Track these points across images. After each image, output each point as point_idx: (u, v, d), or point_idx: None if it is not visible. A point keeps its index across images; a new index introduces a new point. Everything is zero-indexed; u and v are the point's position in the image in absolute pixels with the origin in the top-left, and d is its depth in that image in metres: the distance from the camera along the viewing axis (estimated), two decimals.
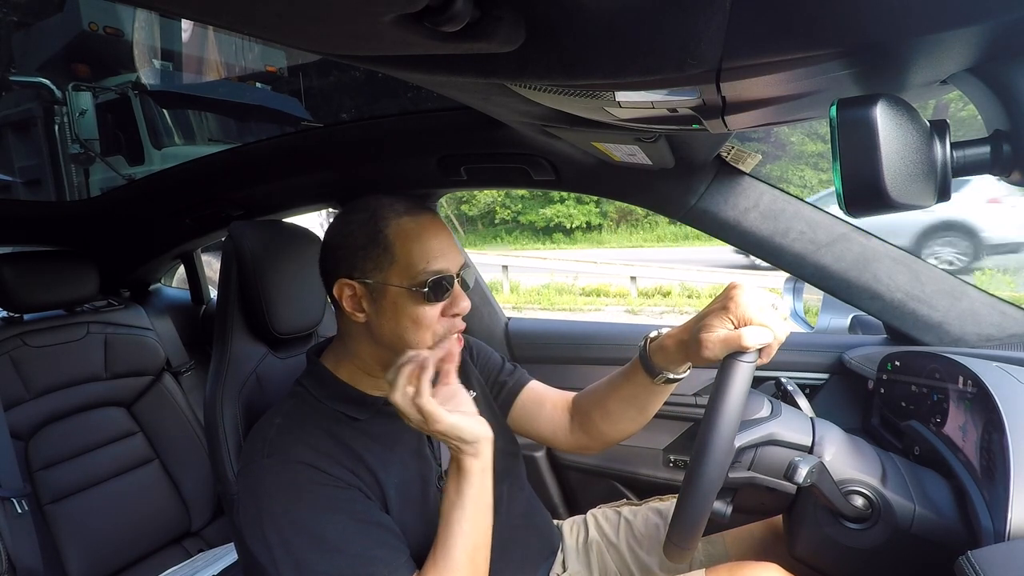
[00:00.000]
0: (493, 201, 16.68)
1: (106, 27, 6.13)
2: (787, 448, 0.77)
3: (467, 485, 0.75)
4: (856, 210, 0.49)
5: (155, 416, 1.80)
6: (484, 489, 0.77)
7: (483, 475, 0.76)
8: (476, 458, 0.75)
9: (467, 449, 0.74)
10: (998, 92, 0.49)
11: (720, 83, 0.53)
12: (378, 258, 0.79)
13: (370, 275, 0.80)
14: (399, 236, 0.79)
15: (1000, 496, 0.68)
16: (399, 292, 0.79)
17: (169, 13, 1.71)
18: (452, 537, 0.74)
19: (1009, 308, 1.12)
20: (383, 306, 0.80)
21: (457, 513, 0.74)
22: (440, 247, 0.81)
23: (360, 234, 0.80)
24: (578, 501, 1.59)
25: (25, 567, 1.22)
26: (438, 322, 0.81)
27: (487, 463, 0.77)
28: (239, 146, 1.49)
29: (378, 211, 0.81)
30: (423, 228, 0.81)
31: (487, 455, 0.76)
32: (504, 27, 0.48)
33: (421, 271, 0.78)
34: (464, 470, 0.75)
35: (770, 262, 1.22)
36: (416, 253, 0.79)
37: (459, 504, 0.75)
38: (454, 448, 0.75)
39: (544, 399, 1.06)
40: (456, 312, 0.82)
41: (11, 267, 1.52)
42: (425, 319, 0.79)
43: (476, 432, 0.74)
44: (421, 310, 0.79)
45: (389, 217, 0.80)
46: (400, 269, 0.79)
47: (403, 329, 0.80)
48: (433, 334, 0.80)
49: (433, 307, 0.80)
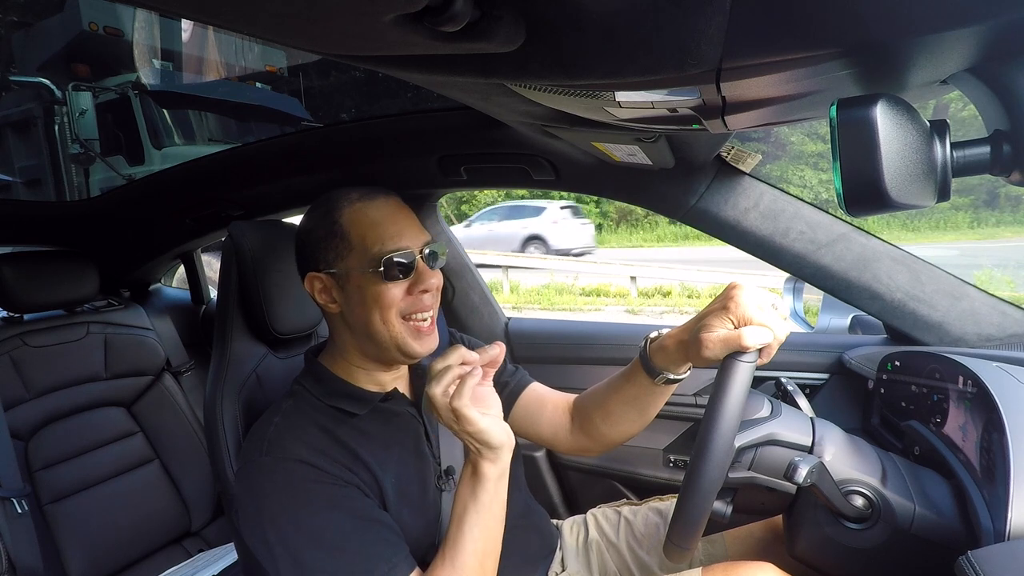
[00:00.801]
0: (493, 201, 16.68)
1: (106, 27, 6.12)
2: (787, 448, 0.77)
3: (482, 490, 0.74)
4: (856, 210, 0.49)
5: (155, 416, 1.80)
6: (499, 496, 0.76)
7: (499, 481, 0.76)
8: (495, 464, 0.74)
9: (488, 455, 0.73)
10: (998, 92, 0.49)
11: (720, 83, 0.53)
12: (337, 247, 0.81)
13: (334, 265, 0.82)
14: (353, 222, 0.81)
15: (1000, 496, 0.68)
16: (360, 276, 0.80)
17: (169, 13, 1.71)
18: (463, 540, 0.73)
19: (1009, 308, 1.12)
20: (350, 293, 0.82)
21: (471, 517, 0.74)
22: (396, 227, 0.81)
23: (319, 227, 0.83)
24: (578, 501, 1.59)
25: (25, 567, 1.22)
26: (403, 300, 0.81)
27: (505, 470, 0.76)
28: (239, 146, 1.49)
29: (333, 202, 0.83)
30: (376, 211, 0.82)
31: (506, 462, 0.76)
32: (504, 27, 0.48)
33: (377, 252, 0.79)
34: (481, 475, 0.74)
35: (770, 262, 1.22)
36: (370, 236, 0.80)
37: (473, 508, 0.74)
38: (475, 451, 0.74)
39: (545, 401, 1.06)
40: (423, 289, 0.82)
41: (11, 267, 1.52)
42: (387, 299, 0.80)
43: (502, 439, 0.73)
44: (383, 290, 0.80)
45: (343, 206, 0.82)
46: (358, 254, 0.80)
47: (369, 312, 0.81)
48: (398, 312, 0.81)
49: (396, 285, 0.80)
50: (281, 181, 1.49)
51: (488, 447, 0.73)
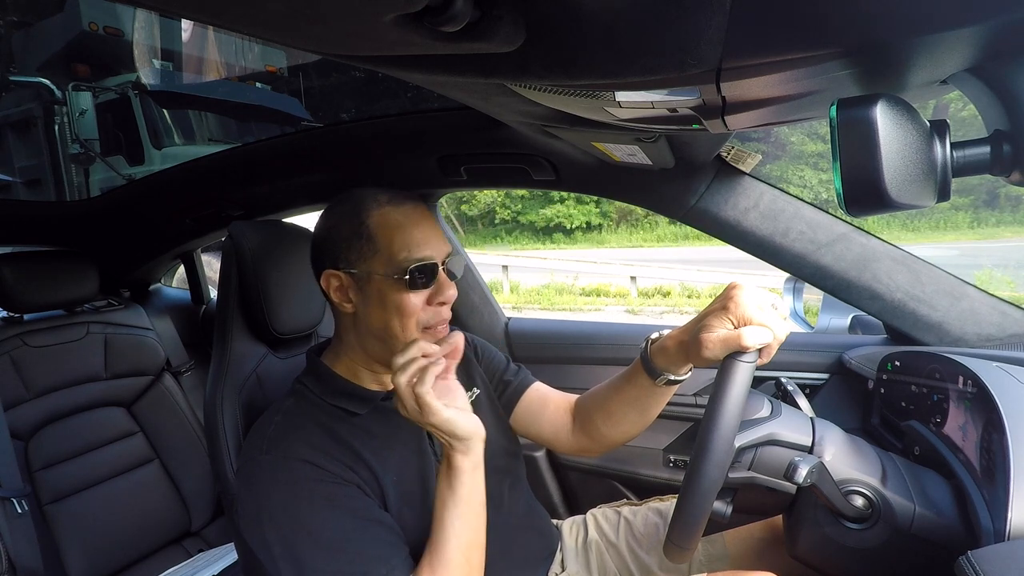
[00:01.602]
0: (493, 201, 16.69)
1: (106, 27, 6.12)
2: (787, 448, 0.77)
3: (458, 483, 0.75)
4: (856, 210, 0.49)
5: (155, 416, 1.80)
6: (476, 487, 0.77)
7: (474, 473, 0.76)
8: (467, 455, 0.75)
9: (458, 446, 0.74)
10: (998, 92, 0.49)
11: (720, 83, 0.53)
12: (362, 248, 0.81)
13: (355, 265, 0.82)
14: (381, 226, 0.81)
15: (1000, 496, 0.68)
16: (383, 281, 0.80)
17: (169, 13, 1.71)
18: (446, 535, 0.74)
19: (1009, 308, 1.12)
20: (369, 295, 0.82)
21: (450, 511, 0.75)
22: (422, 235, 0.81)
23: (344, 226, 0.83)
24: (578, 501, 1.59)
25: (25, 567, 1.22)
26: (423, 310, 0.81)
27: (478, 461, 0.77)
28: (239, 146, 1.49)
29: (361, 202, 0.83)
30: (405, 217, 0.82)
31: (478, 453, 0.77)
32: (504, 27, 0.48)
33: (403, 259, 0.79)
34: (455, 467, 0.75)
35: (770, 262, 1.22)
36: (398, 242, 0.80)
37: (451, 502, 0.75)
38: (446, 444, 0.75)
39: (547, 401, 1.06)
40: (442, 300, 0.82)
41: (11, 267, 1.52)
42: (409, 307, 0.80)
43: (469, 429, 0.74)
44: (405, 298, 0.80)
45: (371, 208, 0.82)
46: (383, 258, 0.80)
47: (388, 318, 0.81)
48: (418, 322, 0.81)
49: (417, 295, 0.80)
50: (281, 181, 1.49)
51: (456, 438, 0.74)
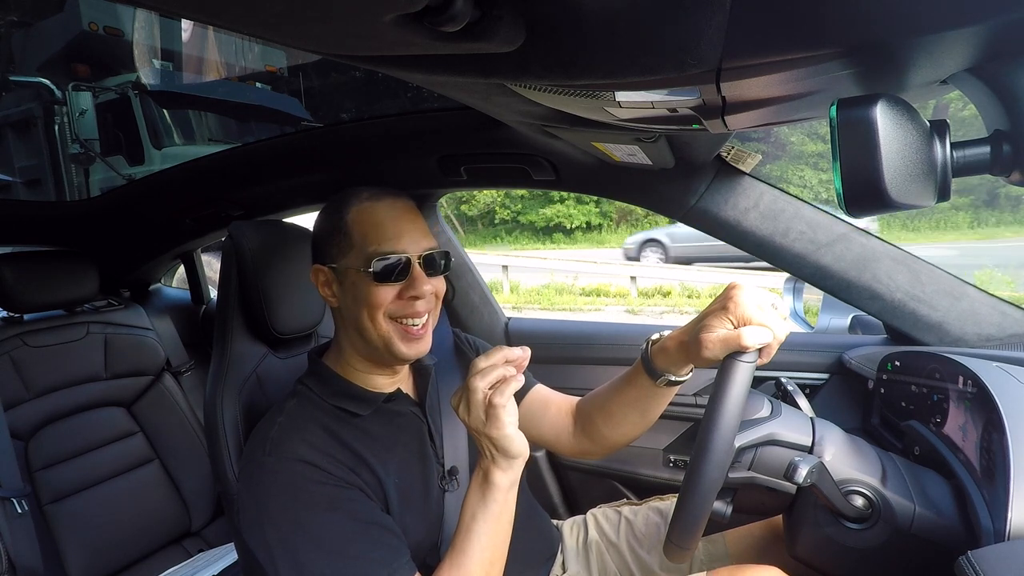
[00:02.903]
0: (493, 201, 16.69)
1: (106, 27, 6.12)
2: (787, 448, 0.77)
3: (492, 500, 0.74)
4: (856, 210, 0.48)
5: (155, 416, 1.80)
6: (508, 505, 0.76)
7: (510, 491, 0.75)
8: (507, 473, 0.74)
9: (503, 463, 0.73)
10: (998, 92, 0.49)
11: (720, 83, 0.53)
12: (340, 243, 0.83)
13: (335, 260, 0.84)
14: (356, 220, 0.83)
15: (1000, 496, 0.68)
16: (356, 274, 0.81)
17: (169, 13, 1.71)
18: (470, 547, 0.73)
19: (1009, 308, 1.12)
20: (346, 289, 0.83)
21: (479, 525, 0.73)
22: (395, 229, 0.82)
23: (328, 222, 0.86)
24: (578, 501, 1.59)
25: (25, 567, 1.22)
26: (392, 303, 0.81)
27: (516, 480, 0.76)
28: (239, 146, 1.49)
29: (344, 199, 0.85)
30: (379, 210, 0.83)
31: (518, 473, 0.75)
32: (504, 27, 0.48)
33: (372, 252, 0.80)
34: (492, 483, 0.73)
35: (770, 262, 1.22)
36: (370, 235, 0.81)
37: (482, 516, 0.74)
38: (490, 457, 0.73)
39: (549, 403, 1.06)
40: (414, 295, 0.82)
41: (11, 267, 1.52)
42: (375, 300, 0.80)
43: (522, 449, 0.73)
44: (373, 291, 0.80)
45: (352, 203, 0.84)
46: (356, 252, 0.82)
47: (359, 311, 0.82)
48: (385, 313, 0.81)
49: (385, 288, 0.81)
50: (281, 181, 1.49)
51: (505, 456, 0.72)
